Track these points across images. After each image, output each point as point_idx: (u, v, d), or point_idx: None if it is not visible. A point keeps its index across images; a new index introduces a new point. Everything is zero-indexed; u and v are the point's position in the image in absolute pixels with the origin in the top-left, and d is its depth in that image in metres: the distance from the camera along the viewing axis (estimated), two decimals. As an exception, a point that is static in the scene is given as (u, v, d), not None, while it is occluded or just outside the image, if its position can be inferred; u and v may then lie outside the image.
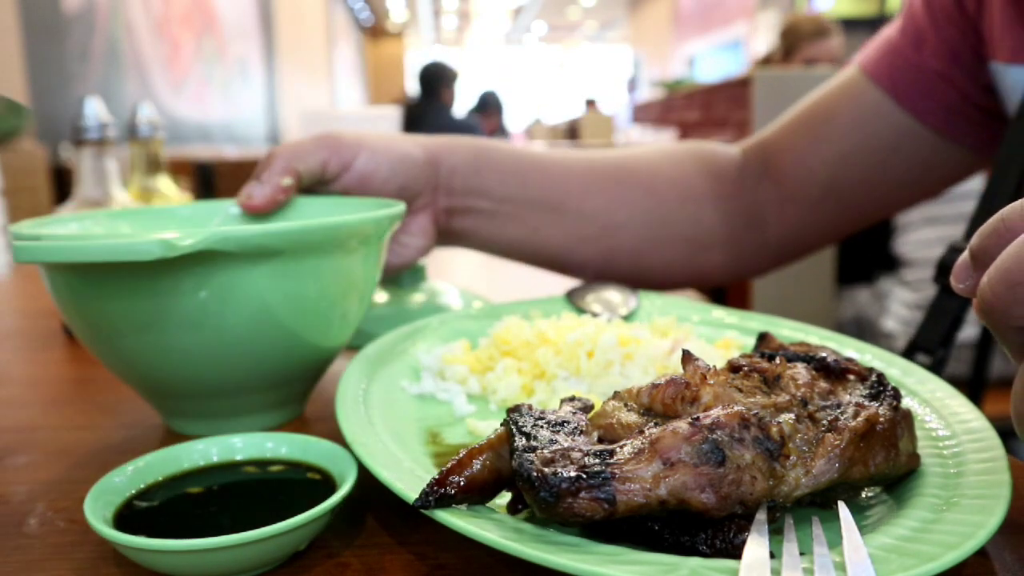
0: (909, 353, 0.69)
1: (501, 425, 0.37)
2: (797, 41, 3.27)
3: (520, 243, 0.80)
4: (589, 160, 0.83)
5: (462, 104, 5.33)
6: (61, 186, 2.99)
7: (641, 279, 0.83)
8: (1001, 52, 0.71)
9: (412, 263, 0.73)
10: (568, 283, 0.85)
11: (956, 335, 0.67)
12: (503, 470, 0.36)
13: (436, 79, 4.35)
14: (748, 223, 0.85)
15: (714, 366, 0.40)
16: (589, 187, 0.80)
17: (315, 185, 0.67)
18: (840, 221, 0.85)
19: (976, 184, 1.70)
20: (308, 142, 0.67)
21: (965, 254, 0.34)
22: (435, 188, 0.73)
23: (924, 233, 1.94)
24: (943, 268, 0.66)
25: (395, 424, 0.46)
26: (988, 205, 0.67)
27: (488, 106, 5.95)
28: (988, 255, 0.33)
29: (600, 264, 0.81)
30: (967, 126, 0.78)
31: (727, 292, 2.16)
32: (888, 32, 0.83)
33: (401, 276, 0.80)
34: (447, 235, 0.77)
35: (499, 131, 5.96)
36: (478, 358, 0.58)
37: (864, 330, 2.30)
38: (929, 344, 0.66)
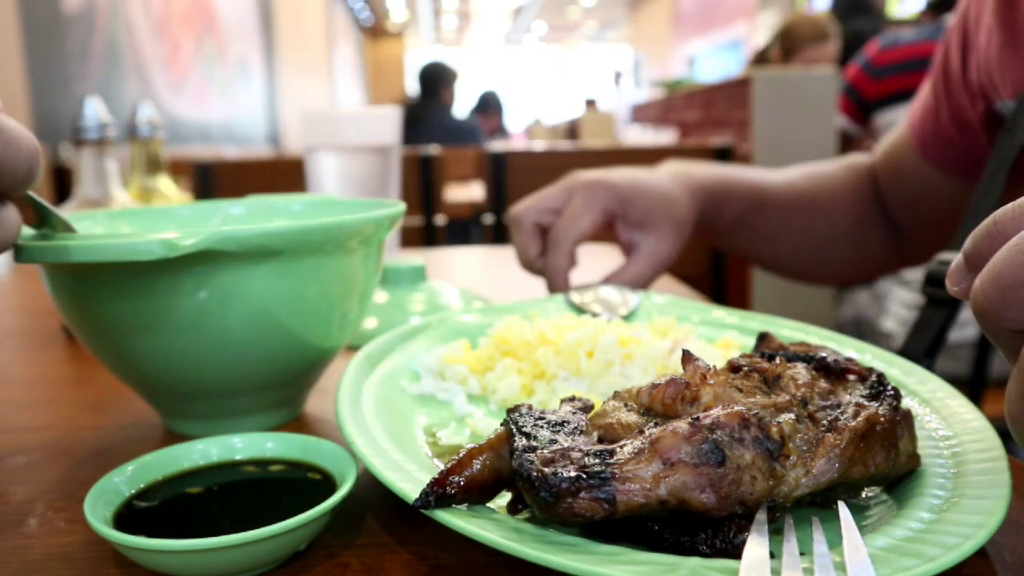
0: None
1: (501, 425, 0.37)
2: (796, 44, 3.26)
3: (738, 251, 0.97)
4: (791, 182, 0.98)
5: (462, 104, 5.33)
6: (61, 186, 2.99)
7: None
8: (1004, 90, 0.79)
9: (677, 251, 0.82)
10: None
11: (941, 346, 0.69)
12: (503, 470, 0.36)
13: (436, 79, 4.35)
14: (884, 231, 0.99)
15: (714, 366, 0.40)
16: (788, 216, 0.96)
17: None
18: (932, 240, 0.98)
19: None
20: (582, 207, 0.78)
21: (959, 256, 0.35)
22: (692, 205, 0.85)
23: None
24: (931, 279, 0.67)
25: (395, 424, 0.46)
26: (976, 211, 0.71)
27: (488, 106, 5.95)
28: (981, 257, 0.33)
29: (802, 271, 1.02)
30: (975, 166, 0.88)
31: (727, 292, 2.16)
32: (924, 91, 0.94)
33: (401, 276, 0.80)
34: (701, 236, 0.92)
35: (499, 131, 5.96)
36: (478, 358, 0.57)
37: (863, 330, 2.29)
38: (915, 355, 0.66)
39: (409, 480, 0.37)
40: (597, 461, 0.33)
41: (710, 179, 0.89)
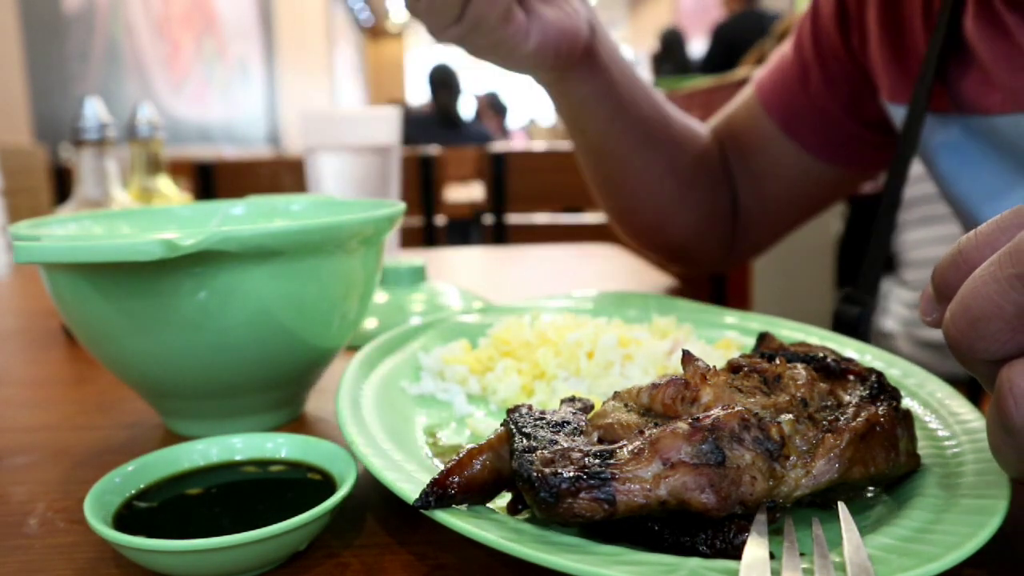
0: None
1: (501, 425, 0.37)
2: None
3: (618, 112, 0.80)
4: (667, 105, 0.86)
5: (468, 106, 5.33)
6: (61, 186, 2.99)
7: (637, 222, 0.90)
8: (883, 90, 0.77)
9: (579, 35, 0.70)
10: (566, 285, 0.85)
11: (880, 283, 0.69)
12: (503, 470, 0.36)
13: (444, 82, 4.35)
14: (726, 204, 0.91)
15: (714, 366, 0.40)
16: (667, 120, 0.84)
17: None
18: (777, 221, 0.93)
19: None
20: None
21: (929, 287, 0.35)
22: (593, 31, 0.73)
23: (921, 232, 1.94)
24: (839, 320, 0.69)
25: (395, 424, 0.46)
26: (873, 244, 0.71)
27: (491, 107, 5.95)
28: (949, 288, 0.33)
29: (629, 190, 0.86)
30: (854, 153, 0.85)
31: (727, 292, 2.16)
32: (782, 56, 0.88)
33: (401, 276, 0.80)
34: (584, 60, 0.74)
35: (502, 132, 5.96)
36: (478, 358, 0.57)
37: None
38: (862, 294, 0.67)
39: (409, 480, 0.37)
40: (597, 461, 0.33)
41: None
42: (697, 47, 10.89)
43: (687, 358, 0.40)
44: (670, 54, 5.99)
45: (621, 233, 0.95)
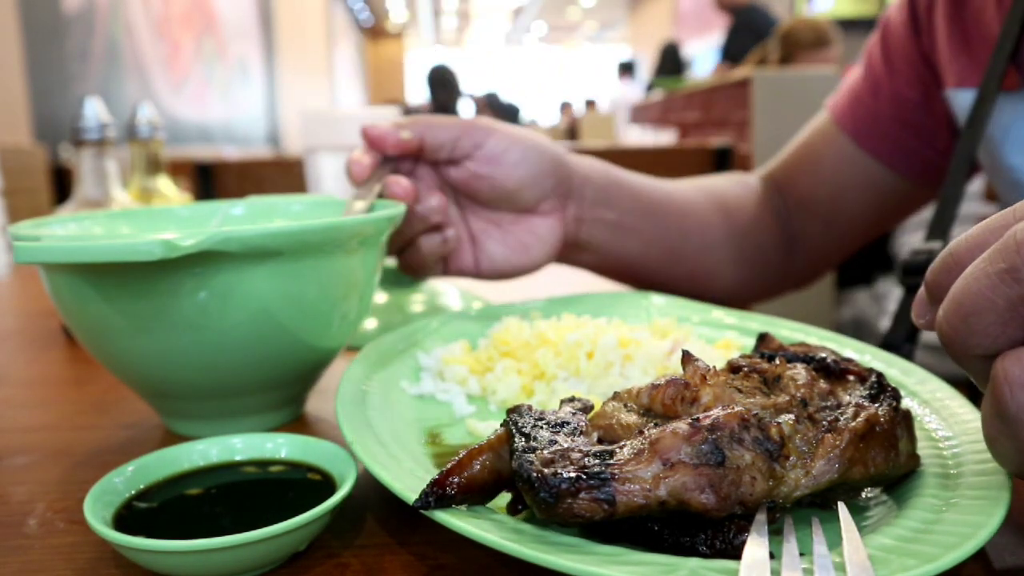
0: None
1: (501, 426, 0.37)
2: (796, 49, 3.25)
3: (635, 259, 0.80)
4: (682, 188, 0.87)
5: (467, 107, 5.32)
6: (61, 186, 2.99)
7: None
8: (950, 78, 0.79)
9: (537, 267, 0.71)
10: (565, 287, 0.85)
11: (920, 332, 0.69)
12: (503, 471, 0.36)
13: (443, 83, 4.35)
14: (776, 248, 0.92)
15: (714, 367, 0.40)
16: (687, 210, 0.84)
17: (445, 163, 0.67)
18: (843, 245, 0.95)
19: (971, 187, 1.71)
20: (445, 119, 0.67)
21: (922, 290, 0.36)
22: (567, 193, 0.71)
23: (921, 234, 1.94)
24: (907, 269, 0.68)
25: (395, 424, 0.46)
26: (944, 203, 0.72)
27: (493, 108, 5.95)
28: (942, 288, 0.34)
29: (685, 284, 0.85)
30: (921, 164, 0.87)
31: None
32: (853, 77, 0.92)
33: (401, 276, 0.80)
34: (571, 247, 0.75)
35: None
36: (478, 359, 0.58)
37: (863, 331, 2.29)
38: (897, 341, 0.68)
39: (409, 481, 0.37)
40: (597, 462, 0.33)
41: (600, 169, 0.76)
42: (696, 48, 10.89)
43: (687, 358, 0.40)
44: (667, 64, 6.66)
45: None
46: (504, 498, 0.37)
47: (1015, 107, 0.74)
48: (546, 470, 0.33)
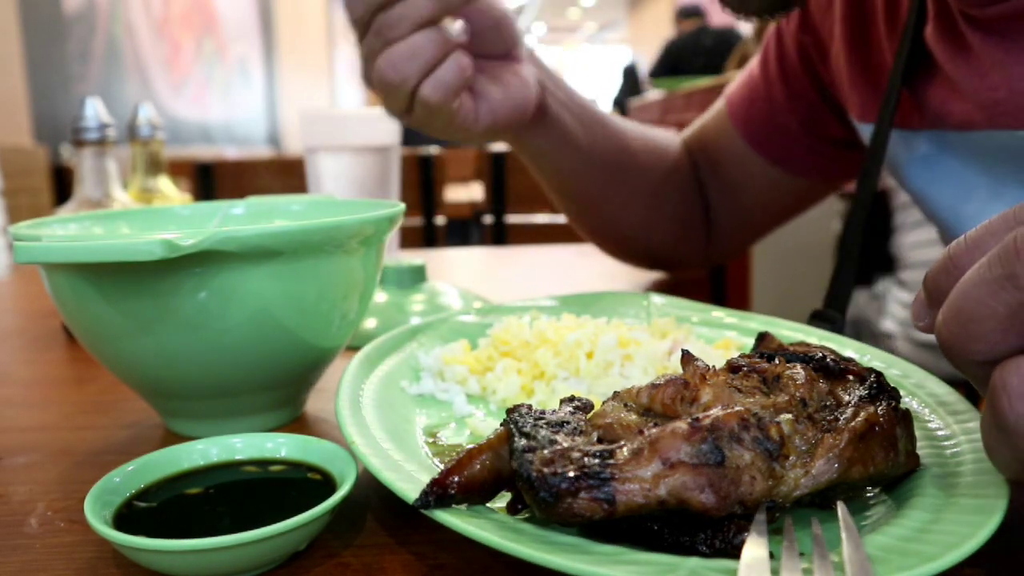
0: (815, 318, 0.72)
1: (501, 425, 0.37)
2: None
3: (578, 165, 0.84)
4: (631, 124, 0.91)
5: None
6: (61, 186, 2.99)
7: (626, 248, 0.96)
8: (853, 109, 0.79)
9: (526, 110, 0.74)
10: (565, 288, 0.85)
11: (848, 302, 0.71)
12: (503, 470, 0.36)
13: None
14: (698, 213, 0.95)
15: (713, 366, 0.40)
16: (633, 143, 0.88)
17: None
18: (750, 229, 0.97)
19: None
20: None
21: (921, 292, 0.36)
22: (537, 65, 0.77)
23: (919, 234, 1.94)
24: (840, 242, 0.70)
25: (395, 424, 0.46)
26: (842, 259, 0.72)
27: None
28: (941, 292, 0.34)
29: (620, 215, 0.90)
30: (817, 167, 0.88)
31: (727, 292, 2.16)
32: (751, 71, 0.91)
33: (401, 276, 0.80)
34: (539, 114, 0.78)
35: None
36: (478, 358, 0.58)
37: (862, 331, 2.29)
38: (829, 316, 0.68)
39: (409, 480, 0.37)
40: (597, 461, 0.33)
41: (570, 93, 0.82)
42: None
43: (686, 358, 0.40)
44: (628, 86, 7.68)
45: (599, 249, 0.99)
46: (504, 498, 0.37)
47: (914, 145, 0.72)
48: (546, 470, 0.33)
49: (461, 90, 0.68)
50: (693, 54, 5.57)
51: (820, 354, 0.43)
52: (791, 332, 0.61)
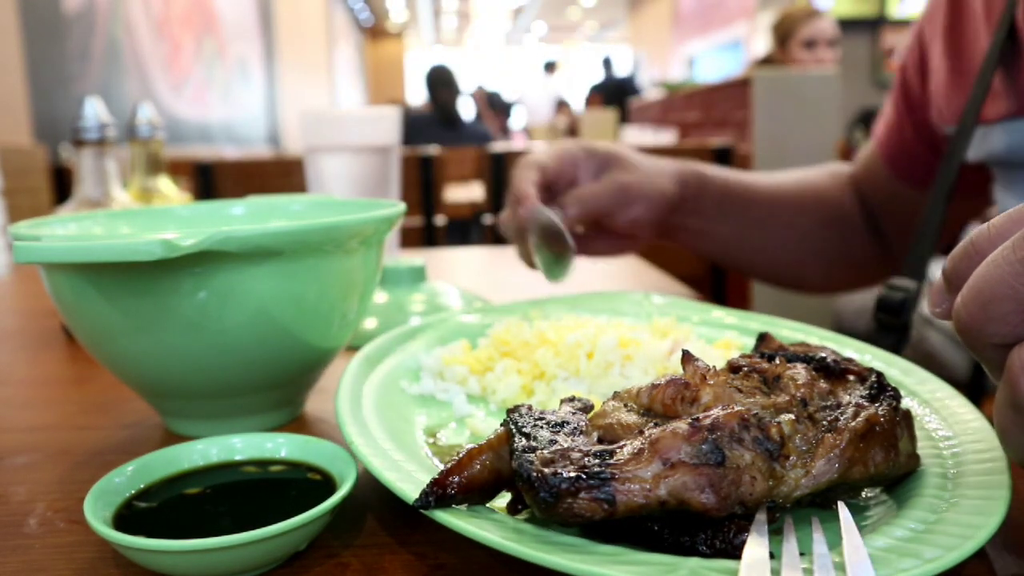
0: None
1: (501, 425, 0.37)
2: (791, 26, 3.26)
3: (716, 254, 0.96)
4: (774, 183, 0.97)
5: (467, 107, 5.34)
6: (61, 186, 2.99)
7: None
8: (939, 114, 0.83)
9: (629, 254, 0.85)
10: (565, 287, 0.85)
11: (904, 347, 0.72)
12: (503, 470, 0.36)
13: (443, 82, 4.34)
14: (863, 241, 0.99)
15: (714, 366, 0.40)
16: (774, 206, 0.94)
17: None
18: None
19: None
20: (595, 189, 0.78)
21: (939, 279, 0.35)
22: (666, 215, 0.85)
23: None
24: (881, 306, 0.69)
25: (395, 424, 0.46)
26: (922, 233, 0.75)
27: (494, 106, 5.96)
28: (960, 278, 0.34)
29: (768, 273, 0.99)
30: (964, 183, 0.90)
31: (727, 292, 2.16)
32: (887, 107, 0.96)
33: (401, 276, 0.80)
34: (662, 239, 0.89)
35: (504, 132, 5.97)
36: (478, 358, 0.57)
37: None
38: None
39: (409, 480, 0.37)
40: (597, 461, 0.33)
41: (691, 166, 0.89)
42: (696, 48, 10.90)
43: (687, 358, 0.40)
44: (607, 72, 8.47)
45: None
46: (504, 498, 0.37)
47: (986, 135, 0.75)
48: (546, 470, 0.33)
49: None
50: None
51: (820, 354, 0.43)
52: (791, 332, 0.61)
